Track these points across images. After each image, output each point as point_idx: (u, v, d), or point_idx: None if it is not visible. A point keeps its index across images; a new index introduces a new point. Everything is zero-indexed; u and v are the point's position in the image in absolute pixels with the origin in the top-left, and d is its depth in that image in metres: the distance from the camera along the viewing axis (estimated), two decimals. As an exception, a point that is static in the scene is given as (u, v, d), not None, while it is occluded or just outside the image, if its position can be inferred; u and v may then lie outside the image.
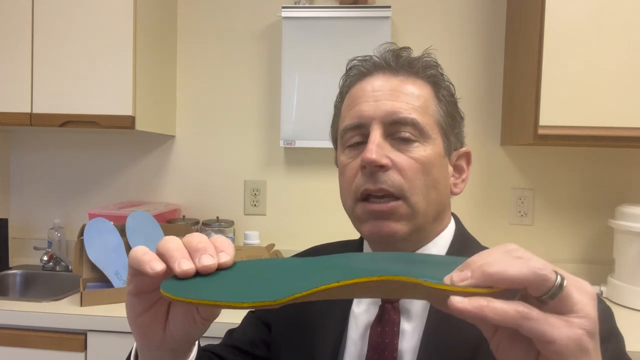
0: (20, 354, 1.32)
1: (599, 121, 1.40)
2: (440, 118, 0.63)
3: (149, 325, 0.45)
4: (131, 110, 1.55)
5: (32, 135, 1.96)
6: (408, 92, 0.61)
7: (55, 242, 1.84)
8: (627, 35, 1.38)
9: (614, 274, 1.51)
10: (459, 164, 0.68)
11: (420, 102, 0.61)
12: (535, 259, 0.33)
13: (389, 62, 0.64)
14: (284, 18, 1.72)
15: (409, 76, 0.63)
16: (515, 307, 0.32)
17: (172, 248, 0.41)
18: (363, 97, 0.62)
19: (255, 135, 1.87)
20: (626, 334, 0.59)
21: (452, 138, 0.65)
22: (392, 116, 0.60)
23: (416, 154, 0.59)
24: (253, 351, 0.71)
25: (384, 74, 0.64)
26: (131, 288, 0.43)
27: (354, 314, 0.64)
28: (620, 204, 1.53)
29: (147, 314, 0.45)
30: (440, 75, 0.66)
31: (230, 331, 0.76)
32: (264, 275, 0.40)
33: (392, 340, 0.59)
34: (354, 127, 0.62)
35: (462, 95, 1.76)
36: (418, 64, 0.64)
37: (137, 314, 0.45)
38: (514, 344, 0.35)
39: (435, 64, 0.66)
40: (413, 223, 0.60)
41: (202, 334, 0.47)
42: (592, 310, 0.33)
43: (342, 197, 0.65)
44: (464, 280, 0.34)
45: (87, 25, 1.56)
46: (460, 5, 1.78)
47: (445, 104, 0.64)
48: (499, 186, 1.78)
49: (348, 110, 0.64)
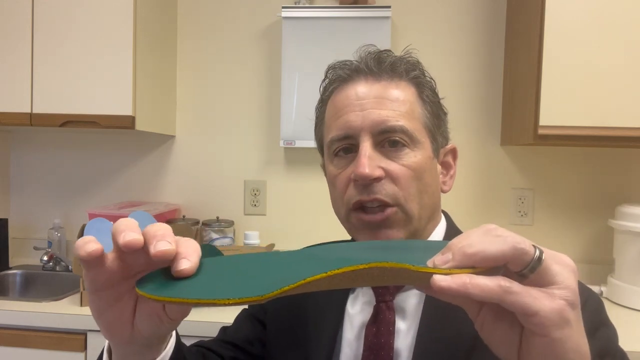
0: (20, 354, 1.32)
1: (599, 121, 1.40)
2: (427, 120, 0.63)
3: (114, 323, 0.42)
4: (131, 110, 1.55)
5: (32, 135, 1.96)
6: (393, 98, 0.61)
7: (55, 242, 1.84)
8: (627, 35, 1.38)
9: (614, 274, 1.51)
10: (446, 161, 0.68)
11: (407, 107, 0.61)
12: (514, 235, 0.34)
13: (371, 67, 0.63)
14: (284, 18, 1.72)
15: (392, 80, 0.62)
16: (497, 282, 0.32)
17: (152, 230, 0.38)
18: (349, 106, 0.62)
19: (255, 135, 1.87)
20: (626, 334, 0.60)
21: (438, 138, 0.65)
22: (381, 125, 0.59)
23: (407, 161, 0.59)
24: (249, 349, 0.70)
25: (367, 79, 0.63)
26: (87, 284, 0.40)
27: (349, 315, 0.64)
28: (620, 204, 1.53)
29: (110, 311, 0.42)
30: (422, 75, 0.65)
31: (224, 328, 0.75)
32: (247, 270, 0.38)
33: (387, 339, 0.59)
34: (342, 139, 0.62)
35: (462, 95, 1.77)
36: (401, 67, 0.63)
37: (99, 311, 0.42)
38: (497, 320, 0.36)
39: (416, 63, 0.65)
40: (408, 228, 0.60)
41: (171, 331, 0.46)
42: (573, 281, 0.34)
43: (335, 207, 0.65)
44: (446, 262, 0.34)
45: (87, 25, 1.56)
46: (460, 6, 1.78)
47: (429, 104, 0.64)
48: (499, 186, 1.78)
49: (334, 120, 0.63)
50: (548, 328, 0.32)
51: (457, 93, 1.76)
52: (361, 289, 0.65)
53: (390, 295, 0.61)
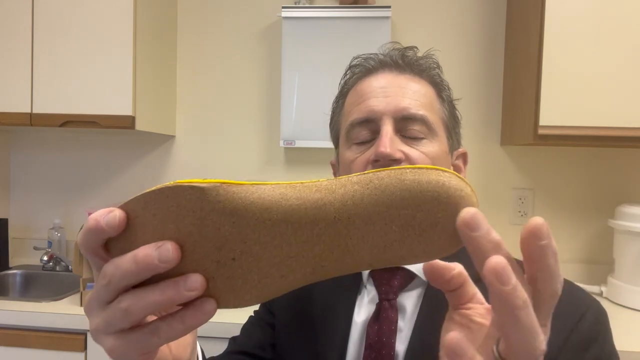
0: (20, 354, 1.32)
1: (599, 121, 1.40)
2: (445, 117, 0.64)
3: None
4: (131, 110, 1.56)
5: (32, 135, 1.96)
6: (415, 90, 0.62)
7: (55, 242, 1.84)
8: (627, 35, 1.38)
9: (614, 274, 1.50)
10: (457, 164, 0.68)
11: (427, 100, 0.62)
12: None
13: (396, 60, 0.64)
14: (284, 18, 1.72)
15: (414, 75, 0.64)
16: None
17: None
18: (371, 92, 0.62)
19: (255, 135, 1.87)
20: (626, 334, 0.59)
21: (454, 137, 0.66)
22: (403, 112, 0.60)
23: (426, 149, 0.60)
24: (261, 354, 0.69)
25: (391, 71, 0.64)
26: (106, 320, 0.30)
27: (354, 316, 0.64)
28: (620, 204, 1.53)
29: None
30: (440, 77, 0.66)
31: (233, 338, 0.74)
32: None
33: (389, 339, 0.58)
34: (363, 122, 0.61)
35: (462, 95, 1.77)
36: (423, 64, 0.65)
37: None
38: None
39: (437, 66, 0.67)
40: None
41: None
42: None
43: None
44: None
45: (87, 25, 1.56)
46: (460, 6, 1.78)
47: (447, 103, 0.66)
48: (499, 186, 1.78)
49: (355, 106, 0.63)
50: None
51: (457, 93, 1.74)
52: (366, 288, 0.64)
53: (393, 293, 0.61)
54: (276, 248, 0.28)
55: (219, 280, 0.28)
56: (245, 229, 0.27)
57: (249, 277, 0.28)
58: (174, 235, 0.27)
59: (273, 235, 0.28)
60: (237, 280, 0.28)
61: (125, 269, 0.27)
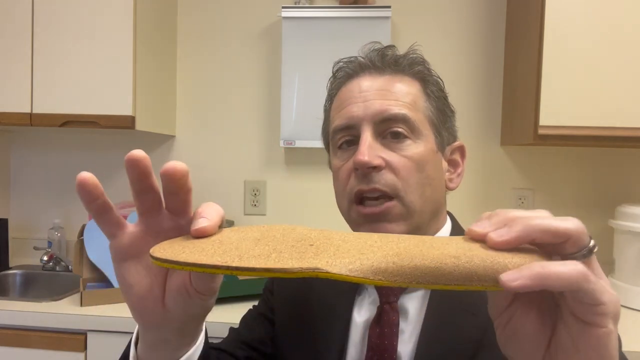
0: (20, 354, 1.32)
1: (598, 121, 1.40)
2: (431, 114, 0.63)
3: (143, 299, 0.39)
4: (131, 110, 1.55)
5: (32, 135, 1.96)
6: (396, 90, 0.61)
7: (55, 242, 1.84)
8: (627, 35, 1.38)
9: (614, 274, 1.50)
10: (453, 158, 0.67)
11: (409, 99, 0.61)
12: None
13: (375, 62, 0.64)
14: (284, 18, 1.72)
15: (395, 74, 0.63)
16: (574, 267, 0.28)
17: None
18: (351, 98, 0.62)
19: (255, 135, 1.87)
20: (626, 334, 0.59)
21: (444, 133, 0.64)
22: (382, 114, 0.59)
23: (408, 152, 0.59)
24: (262, 348, 0.70)
25: (370, 74, 0.64)
26: (113, 254, 0.37)
27: (354, 317, 0.64)
28: (620, 204, 1.53)
29: (139, 285, 0.39)
30: (427, 71, 0.65)
31: (232, 329, 0.74)
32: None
33: (391, 341, 0.58)
34: (344, 128, 0.62)
35: (462, 95, 1.77)
36: (404, 62, 0.64)
37: (128, 285, 0.39)
38: (529, 313, 0.33)
39: (421, 61, 0.65)
40: (409, 222, 0.59)
41: (204, 312, 0.42)
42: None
43: (338, 200, 0.65)
44: (503, 235, 0.31)
45: (87, 26, 1.56)
46: (460, 5, 1.78)
47: (434, 99, 0.64)
48: (499, 186, 1.78)
49: (337, 112, 0.64)
50: (609, 319, 0.30)
51: (457, 93, 1.75)
52: (366, 289, 0.65)
53: (394, 296, 0.61)
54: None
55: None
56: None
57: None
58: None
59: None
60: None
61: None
